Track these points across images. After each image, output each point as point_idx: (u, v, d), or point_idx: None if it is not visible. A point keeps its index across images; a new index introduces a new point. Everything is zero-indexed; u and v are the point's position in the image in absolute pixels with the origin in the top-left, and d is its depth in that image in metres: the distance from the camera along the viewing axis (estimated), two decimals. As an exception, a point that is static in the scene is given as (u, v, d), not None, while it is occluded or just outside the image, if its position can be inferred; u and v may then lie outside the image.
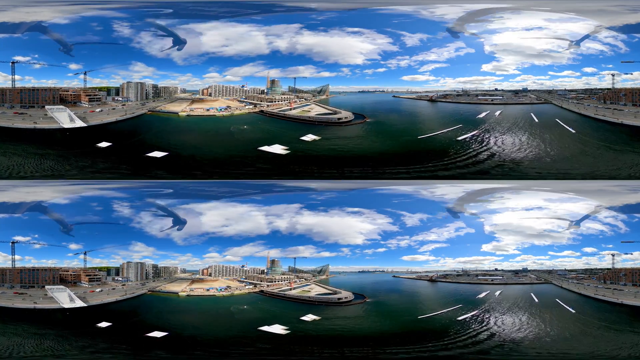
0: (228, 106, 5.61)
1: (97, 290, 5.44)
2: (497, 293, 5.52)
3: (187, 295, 5.58)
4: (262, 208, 5.58)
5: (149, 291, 5.55)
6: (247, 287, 5.60)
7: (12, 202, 5.53)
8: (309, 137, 5.56)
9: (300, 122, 5.62)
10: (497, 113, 5.50)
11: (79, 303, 5.29)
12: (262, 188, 5.68)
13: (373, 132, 5.59)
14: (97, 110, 5.48)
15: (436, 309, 5.52)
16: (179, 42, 5.47)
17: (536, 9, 5.55)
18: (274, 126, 5.62)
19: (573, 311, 5.50)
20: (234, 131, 5.56)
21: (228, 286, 5.57)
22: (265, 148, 5.52)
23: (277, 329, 5.51)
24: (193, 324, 5.55)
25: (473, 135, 5.50)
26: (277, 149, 5.53)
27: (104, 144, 5.47)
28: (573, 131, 5.49)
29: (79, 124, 5.38)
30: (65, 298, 5.22)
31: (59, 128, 5.43)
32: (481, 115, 5.51)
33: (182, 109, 5.58)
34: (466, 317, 5.51)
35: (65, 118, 5.26)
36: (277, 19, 5.56)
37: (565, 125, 5.49)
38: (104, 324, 5.47)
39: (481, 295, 5.53)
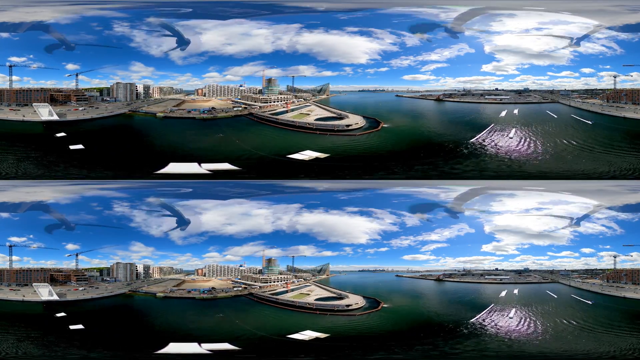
0: (213, 107, 5.34)
1: (80, 289, 5.50)
2: (515, 291, 5.43)
3: (165, 296, 5.42)
4: (262, 208, 5.49)
5: (128, 291, 5.44)
6: (235, 288, 5.38)
7: (12, 202, 5.54)
8: (307, 155, 5.21)
9: (295, 130, 5.35)
10: (515, 111, 5.44)
11: (54, 297, 5.47)
12: (261, 188, 5.60)
13: (397, 139, 5.33)
14: (80, 109, 5.49)
15: (468, 311, 5.39)
16: (182, 42, 5.42)
17: (536, 9, 5.61)
18: (260, 133, 5.34)
19: (590, 302, 5.44)
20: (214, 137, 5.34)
21: (213, 287, 5.38)
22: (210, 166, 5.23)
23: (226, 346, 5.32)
24: (154, 326, 5.40)
25: (513, 134, 5.39)
26: (224, 167, 5.22)
27: (60, 134, 5.48)
28: (590, 122, 5.48)
29: (55, 118, 5.47)
30: (45, 293, 5.49)
31: (39, 121, 5.52)
32: (502, 114, 5.45)
33: (163, 109, 5.43)
34: (514, 315, 5.39)
35: (45, 112, 5.49)
36: (278, 18, 5.53)
37: (586, 121, 5.47)
38: (60, 314, 5.47)
39: (502, 294, 5.43)
